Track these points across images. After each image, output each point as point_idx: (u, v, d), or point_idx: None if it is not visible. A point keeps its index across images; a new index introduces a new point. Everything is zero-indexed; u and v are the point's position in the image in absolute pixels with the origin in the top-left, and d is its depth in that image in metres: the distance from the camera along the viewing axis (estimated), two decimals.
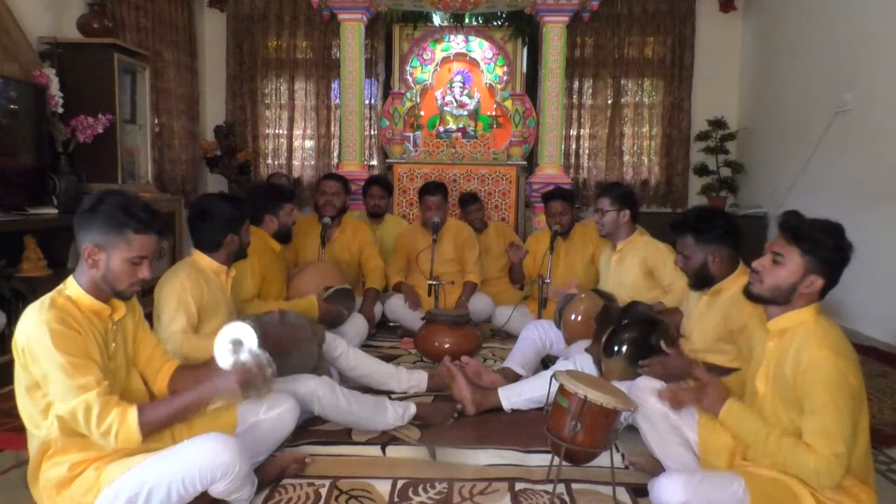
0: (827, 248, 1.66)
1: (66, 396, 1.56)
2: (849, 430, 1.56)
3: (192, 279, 2.34)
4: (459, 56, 6.16)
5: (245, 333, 1.92)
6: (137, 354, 1.89)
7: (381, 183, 4.60)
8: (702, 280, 2.33)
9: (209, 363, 1.96)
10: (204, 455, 1.65)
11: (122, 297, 1.74)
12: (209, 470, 1.64)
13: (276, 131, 6.50)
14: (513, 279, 4.00)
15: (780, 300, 1.72)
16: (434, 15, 5.92)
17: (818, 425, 1.57)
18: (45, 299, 1.64)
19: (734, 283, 2.25)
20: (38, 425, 1.65)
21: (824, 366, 1.58)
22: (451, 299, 4.01)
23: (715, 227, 2.29)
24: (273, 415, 2.05)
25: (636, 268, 2.99)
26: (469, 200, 4.52)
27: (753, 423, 1.74)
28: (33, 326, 1.58)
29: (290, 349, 2.41)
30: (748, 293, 1.79)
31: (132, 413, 1.61)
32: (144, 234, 1.67)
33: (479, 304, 4.01)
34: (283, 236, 3.21)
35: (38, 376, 1.59)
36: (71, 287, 1.69)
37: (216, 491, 1.72)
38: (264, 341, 2.24)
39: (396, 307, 3.99)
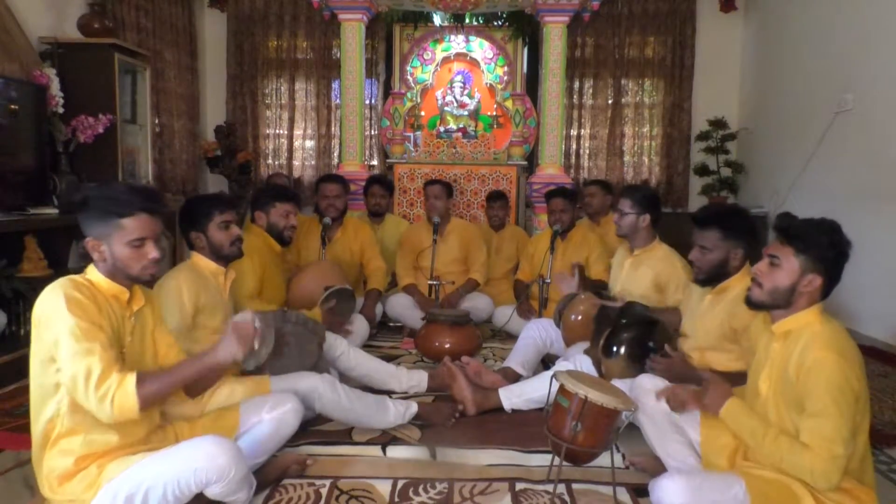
0: (821, 245, 1.66)
1: (71, 360, 1.55)
2: (848, 433, 1.56)
3: (190, 280, 2.32)
4: (460, 56, 6.17)
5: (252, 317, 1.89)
6: (154, 350, 1.89)
7: (382, 182, 4.61)
8: (714, 277, 2.29)
9: None
10: (200, 457, 1.64)
11: (140, 281, 1.75)
12: (204, 472, 1.64)
13: (277, 131, 6.50)
14: (516, 294, 4.01)
15: (781, 303, 1.72)
16: (434, 15, 5.92)
17: (818, 426, 1.57)
18: (65, 278, 1.66)
19: (739, 283, 2.22)
20: (48, 401, 1.64)
21: (828, 367, 1.57)
22: None
23: (743, 226, 2.27)
24: (276, 415, 2.04)
25: (648, 279, 2.89)
26: (496, 197, 4.55)
27: (753, 421, 1.74)
28: (49, 293, 1.60)
29: (291, 347, 2.41)
30: (749, 302, 1.79)
31: (130, 379, 1.58)
32: (133, 217, 1.68)
33: (480, 304, 4.02)
34: (276, 237, 3.06)
35: (50, 344, 1.58)
36: (91, 273, 1.71)
37: (212, 493, 1.72)
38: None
39: (398, 306, 3.99)
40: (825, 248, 1.66)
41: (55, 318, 1.57)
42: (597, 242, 3.84)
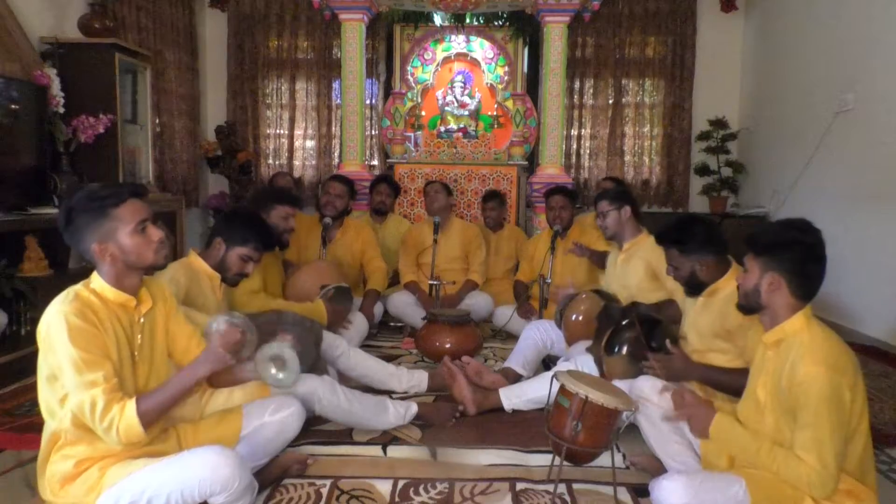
0: (766, 242, 1.72)
1: (75, 391, 1.57)
2: (840, 446, 1.58)
3: (182, 273, 2.33)
4: (460, 56, 6.16)
5: (282, 350, 1.92)
6: (173, 346, 1.88)
7: (389, 182, 4.65)
8: (694, 288, 2.33)
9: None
10: (204, 469, 1.65)
11: (158, 266, 1.76)
12: (208, 483, 1.65)
13: (277, 131, 6.50)
14: (516, 294, 4.01)
15: (753, 303, 1.78)
16: (435, 15, 5.91)
17: (809, 439, 1.59)
18: (70, 291, 1.65)
19: (729, 283, 2.24)
20: (54, 415, 1.65)
21: (818, 382, 1.58)
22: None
23: (695, 237, 2.27)
24: (278, 418, 2.04)
25: (641, 269, 2.94)
26: (490, 197, 4.54)
27: (743, 436, 1.74)
28: (53, 316, 1.60)
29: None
30: (738, 306, 1.87)
31: (130, 405, 1.60)
32: (124, 203, 1.68)
33: (480, 304, 4.02)
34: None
35: (55, 366, 1.60)
36: (95, 281, 1.71)
37: (215, 502, 1.72)
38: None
39: (399, 304, 4.00)
40: (772, 245, 1.72)
41: (58, 346, 1.58)
42: (594, 240, 3.83)
